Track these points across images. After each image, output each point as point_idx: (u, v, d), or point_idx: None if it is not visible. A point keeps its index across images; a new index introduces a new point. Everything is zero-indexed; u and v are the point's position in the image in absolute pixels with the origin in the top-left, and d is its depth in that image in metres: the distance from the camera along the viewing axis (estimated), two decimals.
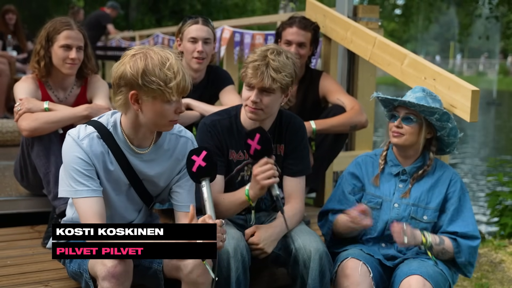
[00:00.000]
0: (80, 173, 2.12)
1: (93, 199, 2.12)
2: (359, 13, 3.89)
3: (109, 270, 2.02)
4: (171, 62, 2.04)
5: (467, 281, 3.71)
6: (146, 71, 2.02)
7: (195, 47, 3.14)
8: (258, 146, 2.28)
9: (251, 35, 4.82)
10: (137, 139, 2.21)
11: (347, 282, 2.39)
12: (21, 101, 2.91)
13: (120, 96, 2.09)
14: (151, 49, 2.07)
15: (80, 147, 2.12)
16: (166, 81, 2.03)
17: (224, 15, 19.67)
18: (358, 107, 3.32)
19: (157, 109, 2.08)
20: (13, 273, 2.57)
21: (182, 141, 2.31)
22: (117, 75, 2.06)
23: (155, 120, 2.11)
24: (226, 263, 2.25)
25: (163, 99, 2.06)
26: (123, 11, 17.57)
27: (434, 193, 2.54)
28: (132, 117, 2.15)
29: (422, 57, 3.32)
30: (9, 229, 3.20)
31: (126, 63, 2.05)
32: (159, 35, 7.93)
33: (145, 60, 2.03)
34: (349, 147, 4.12)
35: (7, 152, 4.66)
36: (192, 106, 3.16)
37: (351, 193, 2.63)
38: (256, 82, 2.35)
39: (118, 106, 2.14)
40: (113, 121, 2.21)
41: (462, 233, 2.48)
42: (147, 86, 2.03)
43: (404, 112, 2.50)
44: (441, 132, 2.52)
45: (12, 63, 6.31)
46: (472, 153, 13.41)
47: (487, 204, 5.79)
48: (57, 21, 2.99)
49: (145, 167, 2.25)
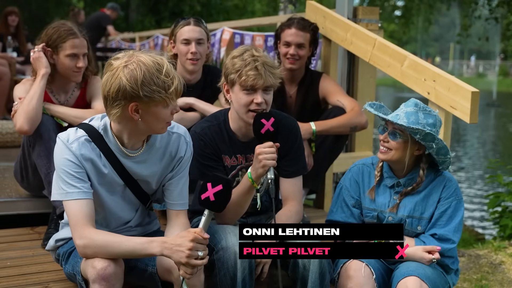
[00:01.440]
0: (70, 175, 2.10)
1: (83, 201, 2.10)
2: (359, 15, 3.89)
3: (99, 273, 2.01)
4: (166, 68, 2.03)
5: (467, 283, 3.71)
6: (145, 81, 1.98)
7: (189, 48, 3.14)
8: (271, 128, 2.30)
9: (251, 37, 4.83)
10: (129, 142, 2.19)
11: (350, 284, 2.38)
12: (20, 100, 2.91)
13: (117, 109, 2.04)
14: (140, 56, 2.03)
15: (69, 150, 2.11)
16: (165, 88, 2.01)
17: (224, 17, 19.69)
18: (358, 108, 3.32)
19: (157, 115, 2.07)
20: (13, 274, 2.57)
21: (174, 137, 2.29)
22: (114, 89, 2.00)
23: (154, 125, 2.10)
24: (233, 262, 2.25)
25: (163, 105, 2.05)
26: (123, 12, 17.60)
27: (428, 202, 2.50)
28: (129, 126, 2.12)
29: (423, 58, 3.32)
30: (9, 230, 3.20)
31: (121, 76, 1.99)
32: (159, 36, 7.94)
33: (141, 70, 1.99)
34: (348, 149, 4.12)
35: (7, 154, 4.66)
36: (195, 107, 3.15)
37: (355, 207, 2.60)
38: (262, 82, 2.34)
39: (114, 119, 2.09)
40: (103, 124, 2.18)
41: (439, 236, 2.45)
42: (148, 96, 2.00)
43: (391, 127, 2.45)
44: (429, 150, 2.43)
45: (12, 64, 6.31)
46: (471, 154, 13.42)
47: (487, 206, 5.78)
48: (61, 29, 2.95)
49: (138, 168, 2.24)
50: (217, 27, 5.59)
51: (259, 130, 2.30)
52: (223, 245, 2.28)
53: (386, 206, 2.54)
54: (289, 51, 3.37)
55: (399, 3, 23.20)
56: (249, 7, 21.83)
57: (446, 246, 2.44)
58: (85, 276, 2.13)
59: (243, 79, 2.35)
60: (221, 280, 2.26)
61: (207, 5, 20.33)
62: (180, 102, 3.13)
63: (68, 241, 2.31)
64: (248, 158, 2.55)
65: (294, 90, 3.54)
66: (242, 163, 2.55)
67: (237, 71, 2.37)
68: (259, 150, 2.28)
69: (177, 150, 2.28)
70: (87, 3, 21.02)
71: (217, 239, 2.32)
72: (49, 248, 2.43)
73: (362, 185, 2.60)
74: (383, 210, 2.54)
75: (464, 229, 5.61)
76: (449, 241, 2.45)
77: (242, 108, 2.40)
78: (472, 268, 3.93)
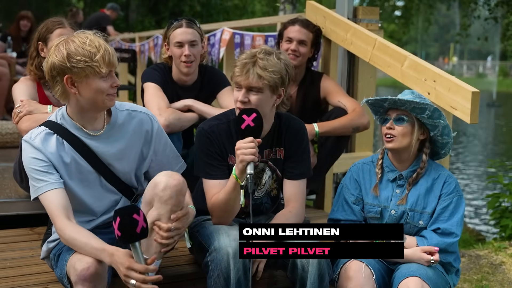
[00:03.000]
0: (36, 171, 2.17)
1: (52, 192, 2.16)
2: (359, 15, 3.89)
3: (80, 274, 2.04)
4: (90, 39, 2.14)
5: (467, 283, 3.71)
6: (70, 53, 2.10)
7: (182, 51, 3.12)
8: (252, 123, 2.28)
9: (251, 37, 4.82)
10: (88, 124, 2.26)
11: (350, 285, 2.37)
12: (22, 103, 2.90)
13: (57, 86, 2.17)
14: (73, 35, 2.17)
15: (32, 146, 2.19)
16: (91, 56, 2.10)
17: (224, 17, 19.67)
18: (360, 109, 3.32)
19: (93, 87, 2.15)
20: (12, 275, 2.57)
21: (134, 114, 2.36)
22: (48, 68, 2.15)
23: (94, 97, 2.17)
24: (226, 263, 2.24)
25: (95, 75, 2.13)
26: (123, 12, 17.58)
27: (430, 197, 2.52)
28: (74, 103, 2.21)
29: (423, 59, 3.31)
30: (9, 231, 3.20)
31: (51, 54, 2.14)
32: (159, 36, 7.92)
33: (67, 45, 2.12)
34: (349, 149, 4.11)
35: (6, 154, 4.66)
36: (193, 108, 3.14)
37: (356, 203, 2.61)
38: (242, 79, 2.34)
39: (59, 96, 2.21)
40: (60, 114, 2.28)
41: (443, 230, 2.47)
42: (75, 66, 2.10)
43: (396, 114, 2.49)
44: (434, 132, 2.50)
45: (12, 64, 6.31)
46: (471, 155, 13.41)
47: (487, 206, 5.78)
48: (49, 21, 3.04)
49: (105, 147, 2.29)
50: (217, 27, 5.59)
51: (240, 125, 2.29)
52: (215, 246, 2.27)
53: (388, 200, 2.56)
54: (291, 46, 3.37)
55: (398, 3, 23.20)
56: (249, 7, 21.82)
57: (449, 240, 2.46)
58: (70, 278, 2.14)
59: (232, 73, 2.40)
60: (215, 282, 2.25)
61: (207, 5, 20.30)
62: (178, 104, 3.13)
63: (59, 243, 2.31)
64: None
65: (294, 90, 3.54)
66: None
67: (234, 64, 2.41)
68: (238, 145, 2.28)
69: (141, 125, 2.35)
70: (87, 3, 21.00)
71: (211, 240, 2.32)
72: (43, 255, 2.43)
73: (363, 182, 2.62)
74: (386, 205, 2.56)
75: (465, 230, 5.61)
76: (452, 235, 2.46)
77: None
78: (473, 269, 3.93)
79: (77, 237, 2.10)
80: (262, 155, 2.52)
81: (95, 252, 2.06)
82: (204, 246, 2.35)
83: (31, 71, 3.04)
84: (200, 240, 2.44)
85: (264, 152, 2.53)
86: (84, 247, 2.09)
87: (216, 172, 2.45)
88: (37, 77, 3.05)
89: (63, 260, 2.20)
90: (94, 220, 2.34)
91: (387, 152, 2.61)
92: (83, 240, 2.09)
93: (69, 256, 2.15)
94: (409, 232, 2.53)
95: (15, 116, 2.88)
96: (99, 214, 2.35)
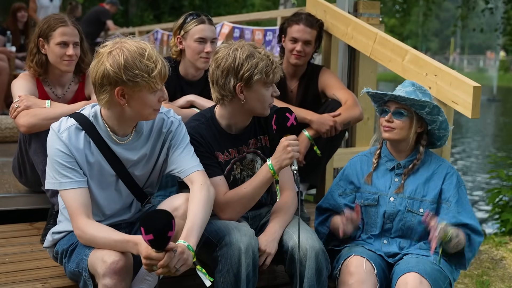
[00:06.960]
0: (62, 165, 2.14)
1: (76, 190, 2.15)
2: (359, 9, 3.87)
3: (110, 267, 2.02)
4: (148, 52, 2.07)
5: (468, 278, 3.70)
6: (127, 65, 2.03)
7: (204, 47, 3.10)
8: (295, 122, 2.37)
9: (251, 31, 4.81)
10: (120, 130, 2.23)
11: (352, 280, 2.37)
12: (20, 98, 2.89)
13: (104, 94, 2.10)
14: (125, 42, 2.09)
15: (60, 139, 2.15)
16: (148, 71, 2.05)
17: (225, 10, 19.63)
18: (351, 101, 3.29)
19: (143, 101, 2.11)
20: (11, 270, 2.57)
21: (158, 117, 2.32)
22: (98, 76, 2.07)
23: (141, 111, 2.14)
24: (237, 259, 2.24)
25: (149, 90, 2.09)
26: (123, 7, 17.54)
27: (430, 185, 2.54)
28: (118, 112, 2.16)
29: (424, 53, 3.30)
30: (8, 226, 3.19)
31: (105, 62, 2.05)
32: (159, 31, 7.91)
33: (123, 55, 2.04)
34: (349, 144, 4.10)
35: (6, 149, 4.65)
36: (196, 104, 3.12)
37: (342, 195, 2.64)
38: (278, 76, 2.43)
39: (103, 104, 2.15)
40: (93, 112, 2.23)
41: (472, 226, 2.48)
42: (131, 80, 2.04)
43: (395, 107, 2.50)
44: (432, 126, 2.51)
45: (11, 59, 6.29)
46: (471, 150, 13.42)
47: (487, 201, 5.76)
48: (51, 18, 2.98)
49: (129, 154, 2.27)
50: (217, 21, 5.56)
51: (285, 123, 2.36)
52: (226, 241, 2.27)
53: (387, 189, 2.58)
54: (296, 47, 3.35)
55: None
56: (249, 0, 21.76)
57: (480, 239, 2.51)
58: (92, 272, 2.12)
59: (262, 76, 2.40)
60: (224, 276, 2.24)
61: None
62: (181, 101, 3.11)
63: (66, 235, 2.30)
64: (240, 150, 2.54)
65: (295, 84, 3.52)
66: (235, 157, 2.54)
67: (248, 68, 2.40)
68: (287, 142, 2.35)
69: (161, 127, 2.33)
70: None
71: (220, 235, 2.31)
72: (47, 244, 2.41)
73: (360, 172, 2.65)
74: (384, 193, 2.57)
75: None
76: (480, 233, 2.51)
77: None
78: (473, 264, 3.92)
79: (98, 234, 2.09)
80: (248, 146, 2.55)
81: (120, 244, 2.05)
82: (212, 241, 2.33)
83: (31, 67, 3.02)
84: (206, 236, 2.41)
85: (250, 142, 2.56)
86: (107, 242, 2.07)
87: (214, 170, 2.44)
88: (37, 73, 3.03)
89: (81, 254, 2.17)
90: (100, 221, 2.29)
91: (386, 142, 2.62)
92: (104, 235, 2.08)
93: (89, 250, 2.13)
94: (411, 220, 2.52)
95: (13, 110, 2.87)
96: (107, 216, 2.33)
